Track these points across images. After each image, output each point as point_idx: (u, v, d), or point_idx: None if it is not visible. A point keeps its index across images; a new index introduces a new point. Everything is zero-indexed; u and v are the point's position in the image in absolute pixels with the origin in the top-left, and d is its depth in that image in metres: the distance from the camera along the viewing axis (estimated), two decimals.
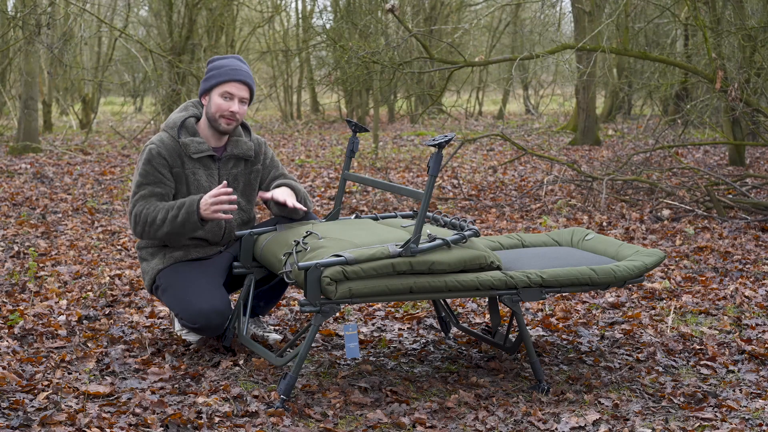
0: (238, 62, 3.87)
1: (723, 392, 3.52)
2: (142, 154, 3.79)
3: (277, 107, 20.76)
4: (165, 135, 3.82)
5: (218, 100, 3.80)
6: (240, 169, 3.92)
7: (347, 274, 3.22)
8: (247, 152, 3.90)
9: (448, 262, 3.35)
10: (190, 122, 3.85)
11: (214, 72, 3.83)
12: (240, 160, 3.91)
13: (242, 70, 3.83)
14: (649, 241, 6.47)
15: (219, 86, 3.80)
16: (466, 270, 3.40)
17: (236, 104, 3.80)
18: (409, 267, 3.30)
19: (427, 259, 3.32)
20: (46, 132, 15.43)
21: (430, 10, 18.43)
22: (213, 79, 3.82)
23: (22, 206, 7.73)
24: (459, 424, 3.18)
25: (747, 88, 7.75)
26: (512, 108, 23.67)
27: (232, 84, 3.80)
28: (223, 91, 3.80)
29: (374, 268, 3.25)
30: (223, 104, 3.79)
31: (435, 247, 3.35)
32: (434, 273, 3.34)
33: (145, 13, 19.02)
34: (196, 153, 3.79)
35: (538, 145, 14.00)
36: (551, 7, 17.51)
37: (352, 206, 8.02)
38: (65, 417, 3.09)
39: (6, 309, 4.43)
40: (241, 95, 3.81)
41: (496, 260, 3.48)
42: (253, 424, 3.10)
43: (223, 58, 3.89)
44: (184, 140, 3.80)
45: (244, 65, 3.88)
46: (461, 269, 3.38)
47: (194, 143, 3.80)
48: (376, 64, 8.63)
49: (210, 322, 3.67)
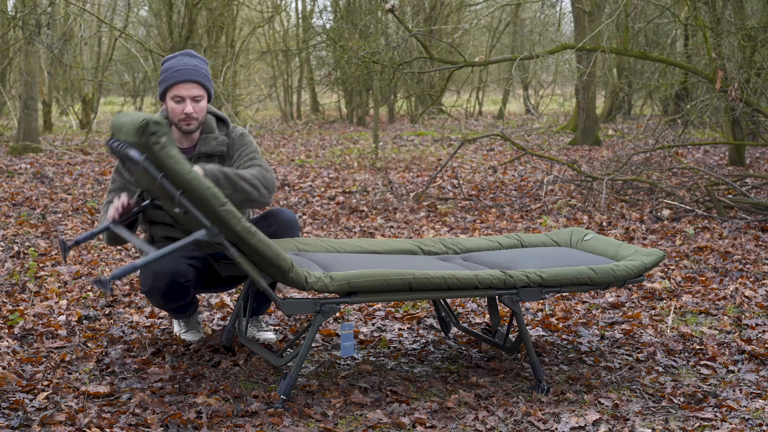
0: (186, 59, 3.74)
1: (723, 392, 3.52)
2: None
3: (277, 107, 20.76)
4: None
5: (171, 104, 3.71)
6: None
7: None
8: (217, 148, 3.79)
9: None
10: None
11: (162, 76, 3.73)
12: (212, 157, 3.81)
13: (187, 68, 3.70)
14: (649, 241, 6.47)
15: (168, 90, 3.71)
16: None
17: (188, 105, 3.69)
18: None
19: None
20: (46, 132, 15.44)
21: (430, 10, 18.43)
22: (162, 83, 3.72)
23: (22, 206, 7.73)
24: (459, 424, 3.18)
25: (747, 88, 7.75)
26: (512, 108, 23.68)
27: (179, 86, 3.68)
28: (173, 94, 3.70)
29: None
30: (176, 108, 3.71)
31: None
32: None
33: (145, 13, 19.03)
34: None
35: (538, 145, 14.00)
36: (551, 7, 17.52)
37: (352, 206, 8.02)
38: (65, 417, 3.09)
39: (6, 309, 4.43)
40: (192, 94, 3.69)
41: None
42: (253, 424, 3.10)
43: (171, 58, 3.76)
44: None
45: (193, 59, 3.75)
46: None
47: None
48: (376, 64, 8.63)
49: (156, 283, 3.60)
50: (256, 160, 3.79)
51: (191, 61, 3.73)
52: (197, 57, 3.78)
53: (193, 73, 3.70)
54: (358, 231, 6.88)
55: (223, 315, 4.51)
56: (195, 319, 4.10)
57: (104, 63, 16.92)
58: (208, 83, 3.76)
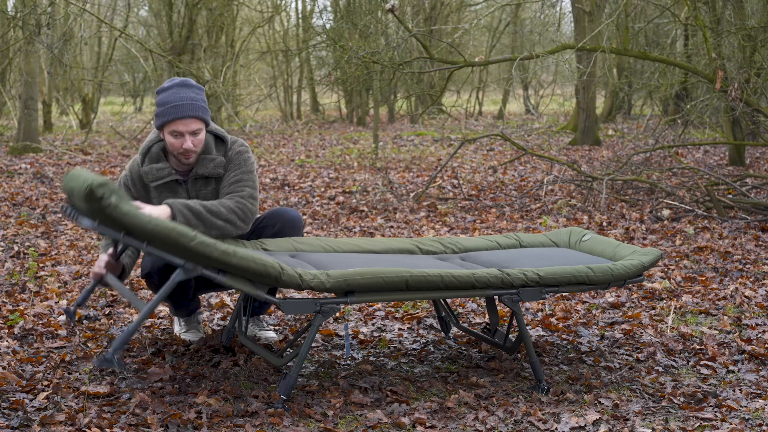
0: (182, 91, 3.66)
1: (723, 392, 3.52)
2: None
3: (277, 107, 20.76)
4: (136, 161, 3.78)
5: (170, 139, 3.67)
6: (210, 188, 3.77)
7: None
8: (214, 171, 3.73)
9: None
10: (156, 148, 3.75)
11: (159, 109, 3.66)
12: (209, 179, 3.77)
13: (185, 104, 3.63)
14: (649, 241, 6.47)
15: (167, 125, 3.65)
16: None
17: (188, 140, 3.65)
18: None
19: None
20: (46, 132, 15.44)
21: (430, 10, 18.44)
22: (159, 117, 3.66)
23: (22, 206, 7.73)
24: (459, 424, 3.18)
25: (747, 88, 7.75)
26: (512, 108, 23.68)
27: (177, 122, 3.62)
28: (171, 130, 3.65)
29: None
30: (175, 143, 3.66)
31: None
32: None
33: (145, 13, 19.02)
34: (154, 181, 3.71)
35: (538, 145, 14.00)
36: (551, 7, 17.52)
37: (352, 206, 8.02)
38: (65, 417, 3.09)
39: (6, 309, 4.43)
40: (191, 129, 3.64)
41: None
42: (253, 424, 3.10)
43: (167, 89, 3.68)
44: (144, 169, 3.72)
45: (189, 91, 3.67)
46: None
47: (153, 171, 3.71)
48: (376, 64, 8.63)
49: (157, 263, 3.68)
50: (242, 183, 3.70)
51: (188, 93, 3.66)
52: (193, 87, 3.71)
53: (190, 108, 3.64)
54: (358, 231, 6.88)
55: (223, 315, 4.51)
56: (195, 319, 4.10)
57: (104, 63, 16.92)
58: (205, 115, 3.70)
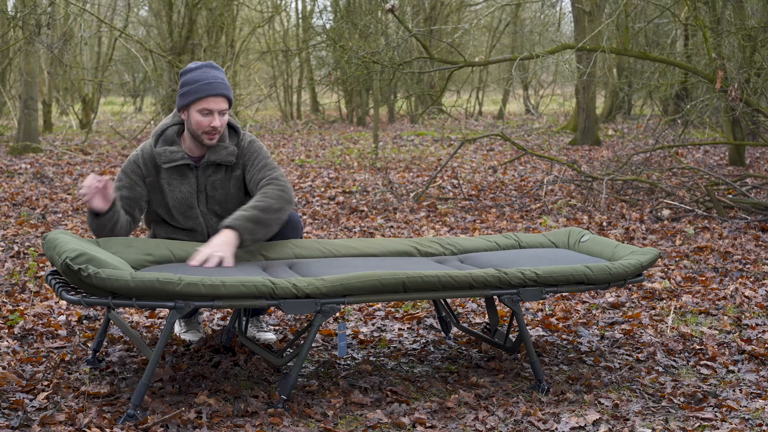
0: (212, 72, 3.70)
1: (723, 392, 3.52)
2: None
3: (277, 107, 20.76)
4: (148, 143, 3.79)
5: (198, 117, 3.67)
6: (220, 175, 3.78)
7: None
8: (226, 158, 3.75)
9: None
10: (171, 131, 3.76)
11: (189, 87, 3.67)
12: (220, 166, 3.78)
13: (217, 81, 3.67)
14: (649, 241, 6.47)
15: (196, 102, 3.66)
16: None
17: (216, 119, 3.67)
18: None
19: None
20: (46, 132, 15.44)
21: (430, 10, 18.44)
22: (190, 95, 3.66)
23: (22, 206, 7.73)
24: (459, 424, 3.18)
25: (747, 88, 7.75)
26: (512, 108, 23.68)
27: (209, 99, 3.64)
28: (201, 107, 3.65)
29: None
30: (203, 121, 3.66)
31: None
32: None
33: (145, 13, 19.02)
34: (166, 163, 3.71)
35: (538, 145, 14.01)
36: (551, 7, 17.52)
37: (352, 206, 8.02)
38: (65, 417, 3.09)
39: (6, 309, 4.43)
40: (220, 108, 3.67)
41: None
42: (253, 424, 3.10)
43: (195, 69, 3.71)
44: (157, 149, 3.72)
45: (219, 72, 3.72)
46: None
47: (166, 153, 3.71)
48: (376, 64, 8.63)
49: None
50: (271, 170, 3.74)
51: (218, 74, 3.70)
52: (220, 69, 3.76)
53: (222, 86, 3.67)
54: (358, 231, 6.88)
55: (223, 315, 4.51)
56: (195, 319, 4.10)
57: (104, 63, 16.93)
58: (232, 97, 3.76)
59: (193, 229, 3.79)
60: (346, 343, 3.43)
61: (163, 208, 3.78)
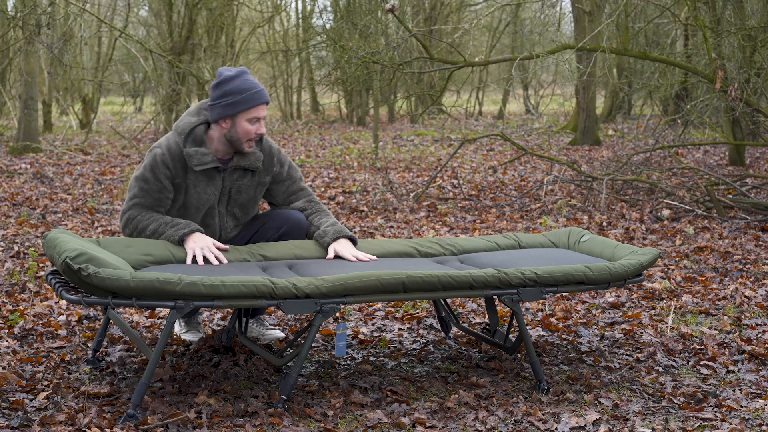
0: (251, 78, 3.72)
1: (723, 392, 3.52)
2: (148, 156, 3.74)
3: (277, 107, 20.76)
4: (173, 141, 3.72)
5: (246, 126, 3.68)
6: (246, 180, 3.80)
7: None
8: (254, 164, 3.77)
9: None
10: (199, 130, 3.73)
11: (238, 97, 3.66)
12: (246, 171, 3.80)
13: (262, 89, 3.71)
14: (649, 241, 6.47)
15: (246, 111, 3.66)
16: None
17: (262, 126, 3.72)
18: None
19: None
20: (46, 132, 15.44)
21: (430, 10, 18.44)
22: (240, 105, 3.65)
23: (22, 206, 7.73)
24: (459, 424, 3.18)
25: (747, 88, 7.75)
26: (512, 108, 23.68)
27: (259, 108, 3.68)
28: (252, 116, 3.67)
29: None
30: (250, 129, 3.68)
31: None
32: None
33: (145, 13, 19.02)
34: (198, 165, 3.69)
35: (538, 145, 14.01)
36: (551, 7, 17.51)
37: (352, 206, 8.02)
38: (65, 417, 3.09)
39: (6, 309, 4.43)
40: (264, 115, 3.73)
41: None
42: (253, 424, 3.10)
43: (235, 77, 3.69)
44: (188, 150, 3.69)
45: (255, 79, 3.75)
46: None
47: (198, 155, 3.69)
48: (376, 64, 8.63)
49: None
50: (301, 180, 3.95)
51: (256, 80, 3.73)
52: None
53: (266, 94, 3.73)
54: (358, 231, 6.88)
55: (223, 315, 4.51)
56: (195, 319, 4.10)
57: (104, 63, 16.92)
58: None
59: (206, 227, 3.80)
60: (345, 344, 3.42)
61: (182, 206, 3.78)
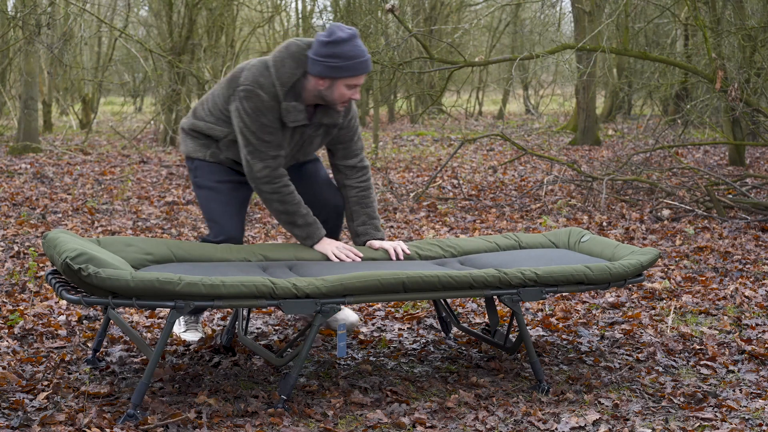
0: (360, 44, 3.68)
1: (723, 392, 3.52)
2: (247, 101, 3.68)
3: None
4: (273, 85, 3.69)
5: (344, 90, 3.68)
6: (321, 132, 3.84)
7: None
8: (335, 121, 3.82)
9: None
10: (299, 84, 3.70)
11: (344, 63, 3.64)
12: (321, 126, 3.83)
13: (369, 58, 3.69)
14: (649, 241, 6.47)
15: (348, 78, 3.66)
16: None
17: (358, 92, 3.73)
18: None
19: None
20: (46, 132, 15.43)
21: (430, 10, 18.43)
22: (344, 71, 3.64)
23: (22, 206, 7.73)
24: (459, 424, 3.18)
25: (747, 88, 7.75)
26: (512, 108, 23.68)
27: (360, 77, 3.69)
28: (351, 83, 3.68)
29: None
30: (346, 93, 3.70)
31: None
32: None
33: (145, 13, 19.01)
34: (292, 122, 3.71)
35: (538, 145, 14.00)
36: (551, 7, 17.52)
37: None
38: (65, 417, 3.09)
39: (6, 309, 4.43)
40: (363, 82, 3.75)
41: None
42: (253, 424, 3.10)
43: (348, 40, 3.64)
44: (286, 105, 3.68)
45: (363, 45, 3.72)
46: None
47: (294, 112, 3.70)
48: (376, 64, 8.63)
49: (229, 241, 3.87)
50: (360, 140, 3.99)
51: (364, 47, 3.70)
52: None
53: (371, 63, 3.73)
54: None
55: (223, 315, 4.51)
56: (198, 318, 4.10)
57: (104, 63, 16.91)
58: None
59: None
60: (345, 344, 3.42)
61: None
